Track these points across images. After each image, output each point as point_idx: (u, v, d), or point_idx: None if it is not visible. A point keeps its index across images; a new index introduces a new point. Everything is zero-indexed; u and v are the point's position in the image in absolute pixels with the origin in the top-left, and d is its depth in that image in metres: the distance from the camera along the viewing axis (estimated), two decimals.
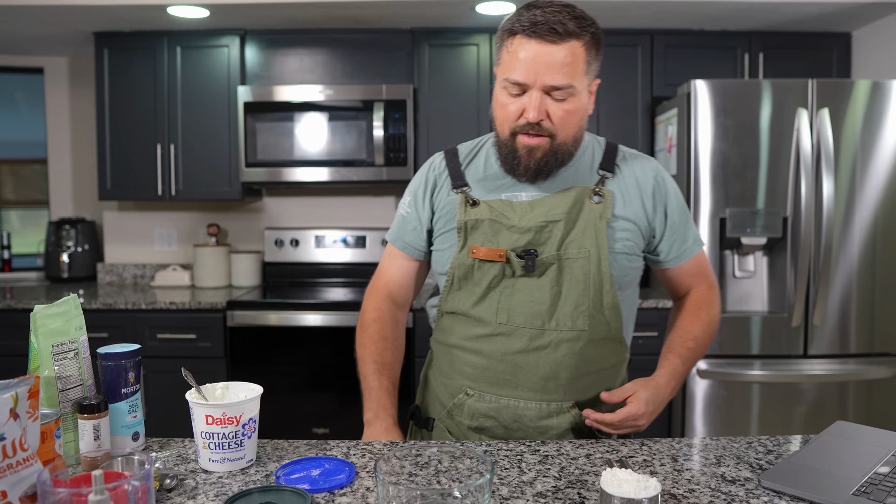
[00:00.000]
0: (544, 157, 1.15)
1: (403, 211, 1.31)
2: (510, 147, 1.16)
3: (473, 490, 0.77)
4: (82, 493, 0.72)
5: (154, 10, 2.84)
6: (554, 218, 1.17)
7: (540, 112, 1.10)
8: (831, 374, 2.64)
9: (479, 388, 1.22)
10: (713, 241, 2.65)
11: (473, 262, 1.19)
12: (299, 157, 3.04)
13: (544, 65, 1.07)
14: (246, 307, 2.85)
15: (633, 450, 1.13)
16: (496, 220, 1.18)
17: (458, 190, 1.23)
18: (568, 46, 1.07)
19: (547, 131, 1.12)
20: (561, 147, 1.15)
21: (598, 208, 1.18)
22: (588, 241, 1.17)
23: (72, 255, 3.47)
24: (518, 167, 1.17)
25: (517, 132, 1.14)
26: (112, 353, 1.08)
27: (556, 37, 1.06)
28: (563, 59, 1.07)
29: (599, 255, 1.17)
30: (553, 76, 1.08)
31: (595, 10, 2.88)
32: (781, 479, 0.97)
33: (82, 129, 3.60)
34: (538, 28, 1.06)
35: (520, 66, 1.08)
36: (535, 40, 1.07)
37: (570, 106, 1.12)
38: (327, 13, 2.93)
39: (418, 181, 1.31)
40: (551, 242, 1.17)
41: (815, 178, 2.60)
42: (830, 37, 3.16)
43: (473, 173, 1.25)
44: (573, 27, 1.07)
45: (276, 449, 1.12)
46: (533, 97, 1.09)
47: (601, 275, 1.17)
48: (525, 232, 1.17)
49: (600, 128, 3.14)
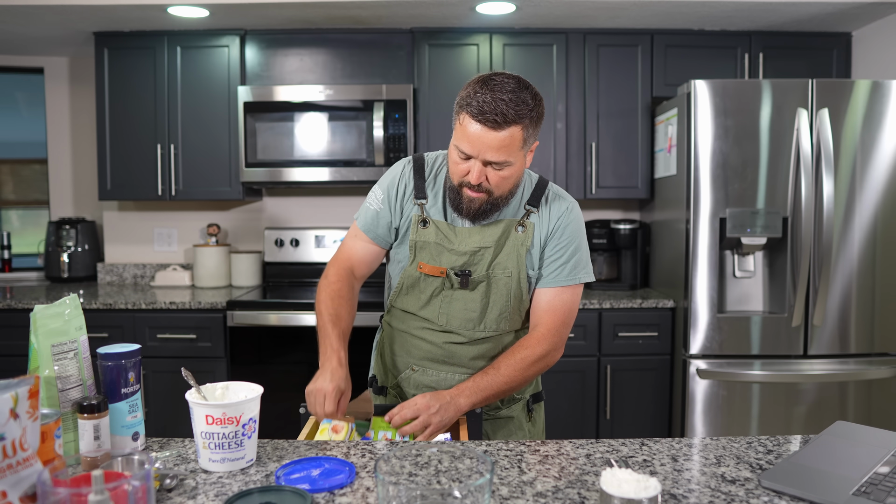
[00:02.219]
0: (482, 207, 1.38)
1: (377, 206, 1.49)
2: (457, 193, 1.39)
3: (473, 490, 0.77)
4: (82, 493, 0.72)
5: (154, 10, 2.84)
6: (486, 245, 1.43)
7: (480, 178, 1.32)
8: (831, 374, 2.64)
9: (423, 366, 1.51)
10: (713, 241, 2.65)
11: (420, 275, 1.45)
12: (299, 157, 3.04)
13: (486, 145, 1.27)
14: (246, 307, 2.85)
15: (633, 450, 1.13)
16: (440, 244, 1.44)
17: (418, 202, 1.46)
18: (508, 132, 1.26)
19: (485, 189, 1.34)
20: (497, 199, 1.38)
21: (521, 237, 1.44)
22: (511, 264, 1.44)
23: (72, 255, 3.47)
24: (462, 210, 1.40)
25: (463, 185, 1.36)
26: (112, 353, 1.08)
27: (497, 125, 1.25)
28: (502, 142, 1.27)
29: (519, 275, 1.44)
30: (492, 154, 1.28)
31: (595, 9, 2.88)
32: (781, 479, 0.97)
33: (82, 129, 3.60)
34: (484, 116, 1.25)
35: (467, 140, 1.29)
36: (479, 124, 1.26)
37: (506, 173, 1.33)
38: (327, 13, 2.93)
39: (393, 185, 1.49)
40: (482, 264, 1.43)
41: (815, 178, 2.60)
42: (830, 37, 3.16)
43: (432, 190, 1.47)
44: (513, 116, 1.25)
45: (276, 449, 1.12)
46: (475, 166, 1.31)
47: (520, 289, 1.45)
48: (462, 255, 1.43)
49: (600, 128, 3.14)
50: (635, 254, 3.20)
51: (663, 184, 3.02)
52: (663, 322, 2.86)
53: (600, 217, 3.47)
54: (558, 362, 3.03)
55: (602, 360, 2.87)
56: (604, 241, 3.24)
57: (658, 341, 2.87)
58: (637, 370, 2.88)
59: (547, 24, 3.09)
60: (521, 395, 1.56)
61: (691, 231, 2.65)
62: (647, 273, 3.29)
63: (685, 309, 2.70)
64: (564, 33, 3.12)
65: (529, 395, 1.58)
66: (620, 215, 3.51)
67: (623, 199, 3.40)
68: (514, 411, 1.55)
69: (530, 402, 1.57)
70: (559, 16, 2.98)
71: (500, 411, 1.54)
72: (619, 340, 2.87)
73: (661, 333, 2.86)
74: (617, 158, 3.16)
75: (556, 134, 3.14)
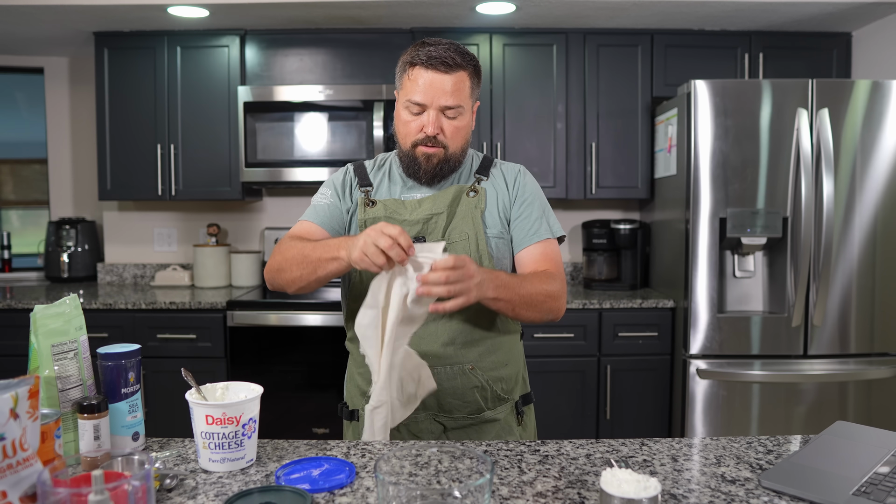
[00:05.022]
0: (439, 164, 1.39)
1: (326, 200, 1.48)
2: (411, 156, 1.39)
3: (473, 490, 0.77)
4: (82, 493, 0.72)
5: (154, 10, 2.84)
6: (438, 210, 1.41)
7: (436, 128, 1.35)
8: (831, 374, 2.64)
9: None
10: (713, 241, 2.65)
11: None
12: (299, 157, 3.04)
13: (439, 89, 1.33)
14: (246, 307, 2.85)
15: (633, 450, 1.13)
16: (390, 217, 1.41)
17: (363, 189, 1.47)
18: (457, 75, 1.34)
19: (441, 143, 1.37)
20: (452, 156, 1.40)
21: (474, 201, 1.43)
22: (467, 227, 1.41)
23: (72, 255, 3.47)
24: (419, 172, 1.40)
25: (418, 144, 1.37)
26: (112, 353, 1.08)
27: (448, 68, 1.33)
28: (454, 85, 1.34)
29: (477, 237, 1.40)
30: (446, 98, 1.34)
31: (595, 10, 2.88)
32: (781, 479, 0.97)
33: (82, 129, 3.60)
34: (433, 61, 1.32)
35: (420, 90, 1.34)
36: (431, 70, 1.33)
37: (458, 123, 1.37)
38: (327, 13, 2.93)
39: (337, 180, 1.50)
40: (437, 230, 1.41)
41: (815, 178, 2.60)
42: (830, 37, 3.16)
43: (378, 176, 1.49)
44: (460, 60, 1.34)
45: (276, 449, 1.12)
46: (430, 115, 1.35)
47: (479, 252, 1.40)
48: (414, 224, 1.40)
49: (600, 128, 3.14)
50: (635, 254, 3.20)
51: (663, 184, 3.02)
52: (663, 322, 2.86)
53: (600, 217, 3.47)
54: (558, 362, 3.02)
55: (602, 360, 2.87)
56: (604, 241, 3.24)
57: (658, 341, 2.86)
58: (637, 370, 2.88)
59: (547, 24, 3.09)
60: (509, 395, 1.43)
61: (691, 231, 2.65)
62: (647, 273, 3.29)
63: (685, 309, 2.70)
64: (564, 33, 3.12)
65: (519, 396, 1.46)
66: (620, 215, 3.51)
67: (623, 199, 3.40)
68: (501, 413, 1.41)
69: (519, 404, 1.44)
70: (559, 16, 2.98)
71: (482, 414, 1.39)
72: (619, 340, 2.87)
73: (661, 333, 2.86)
74: (617, 158, 3.16)
75: (556, 134, 3.14)
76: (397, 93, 1.42)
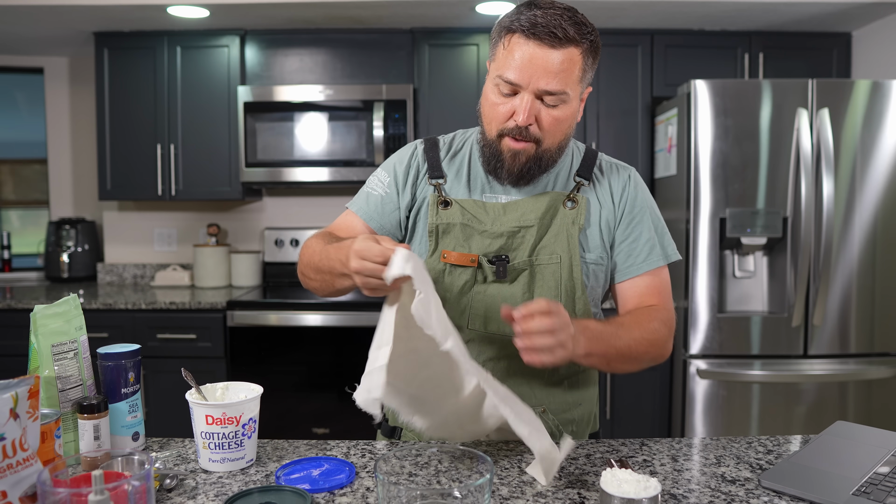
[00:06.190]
0: (528, 163, 1.12)
1: (381, 190, 1.21)
2: (495, 148, 1.13)
3: (473, 490, 0.77)
4: (82, 493, 0.72)
5: (154, 10, 2.84)
6: (527, 223, 1.16)
7: (529, 116, 1.07)
8: (831, 374, 2.64)
9: None
10: (713, 241, 2.65)
11: (445, 267, 1.16)
12: (299, 157, 3.04)
13: (540, 68, 1.04)
14: (246, 307, 2.85)
15: (633, 450, 1.13)
16: (468, 224, 1.16)
17: (434, 181, 1.19)
18: (566, 52, 1.04)
19: (533, 136, 1.10)
20: (545, 153, 1.13)
21: (572, 214, 1.17)
22: (560, 247, 1.16)
23: (72, 255, 3.47)
24: (501, 170, 1.14)
25: (504, 134, 1.11)
26: (112, 353, 1.08)
27: (556, 41, 1.03)
28: (560, 65, 1.04)
29: (571, 262, 1.16)
30: (548, 81, 1.05)
31: (595, 9, 2.88)
32: (781, 479, 0.97)
33: (82, 129, 3.60)
34: (538, 30, 1.03)
35: (515, 65, 1.05)
36: (533, 41, 1.04)
37: (560, 113, 1.09)
38: (327, 13, 2.93)
39: (402, 164, 1.22)
40: (523, 248, 1.16)
41: (815, 178, 2.60)
42: (830, 37, 3.16)
43: (453, 166, 1.22)
44: (573, 33, 1.04)
45: (276, 449, 1.12)
46: (524, 100, 1.06)
47: (573, 281, 1.16)
48: (497, 237, 1.15)
49: (600, 128, 3.14)
50: None
51: (663, 184, 3.02)
52: None
53: None
54: None
55: None
56: None
57: None
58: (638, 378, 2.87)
59: None
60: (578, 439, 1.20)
61: (691, 231, 2.65)
62: None
63: (685, 309, 2.70)
64: None
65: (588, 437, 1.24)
66: None
67: None
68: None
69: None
70: None
71: None
72: None
73: None
74: (617, 158, 3.15)
75: None
76: (489, 64, 1.14)
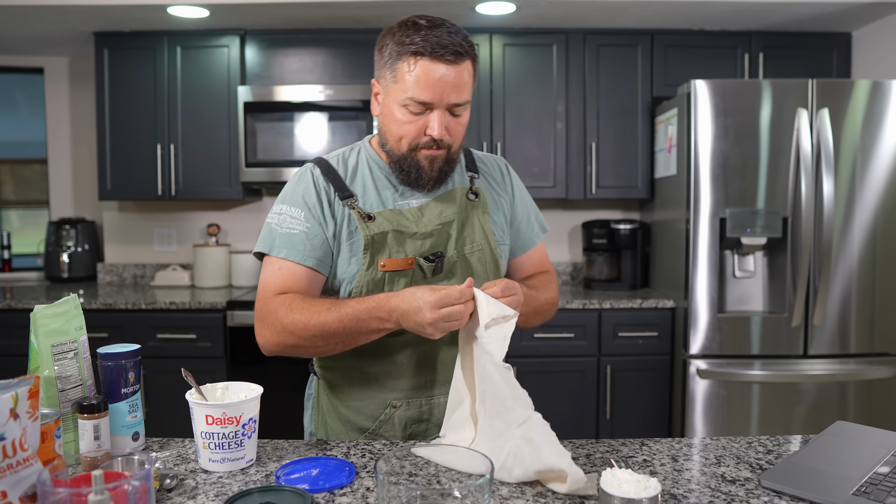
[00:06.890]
0: (444, 166, 1.22)
1: (300, 227, 1.20)
2: (411, 160, 1.20)
3: (473, 490, 0.77)
4: (82, 493, 0.72)
5: (154, 10, 2.84)
6: (448, 219, 1.25)
7: (442, 130, 1.16)
8: (831, 374, 2.64)
9: (405, 397, 1.24)
10: (713, 241, 2.65)
11: (383, 276, 1.21)
12: (299, 157, 3.04)
13: (450, 85, 1.13)
14: (246, 307, 2.85)
15: (633, 450, 1.13)
16: (399, 230, 1.22)
17: (346, 201, 1.22)
18: (465, 65, 1.15)
19: (446, 144, 1.19)
20: (453, 156, 1.23)
21: (478, 204, 1.29)
22: (479, 236, 1.27)
23: (72, 255, 3.47)
24: (421, 178, 1.21)
25: (420, 147, 1.18)
26: (112, 353, 1.08)
27: (458, 57, 1.13)
28: (464, 78, 1.15)
29: (491, 247, 1.28)
30: (457, 95, 1.15)
31: (595, 10, 2.88)
32: (781, 479, 0.97)
33: (82, 129, 3.60)
34: (444, 51, 1.11)
35: (427, 87, 1.12)
36: (441, 63, 1.12)
37: (464, 118, 1.20)
38: (327, 13, 2.93)
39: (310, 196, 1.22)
40: (450, 243, 1.25)
41: (815, 178, 2.60)
42: (830, 37, 3.16)
43: (358, 185, 1.25)
44: (467, 47, 1.15)
45: (276, 449, 1.12)
46: (437, 116, 1.15)
47: (495, 264, 1.28)
48: (427, 237, 1.23)
49: (600, 128, 3.14)
50: (635, 254, 3.20)
51: (663, 184, 3.02)
52: (663, 322, 2.86)
53: (600, 217, 3.47)
54: (558, 362, 3.03)
55: (602, 360, 2.87)
56: (604, 241, 3.24)
57: (658, 341, 2.86)
58: (637, 370, 2.88)
59: (547, 24, 3.09)
60: None
61: (691, 231, 2.65)
62: (647, 273, 3.29)
63: (685, 309, 2.70)
64: (564, 33, 3.12)
65: None
66: (620, 215, 3.51)
67: (623, 199, 3.40)
68: None
69: None
70: (559, 16, 2.98)
71: None
72: (619, 340, 2.87)
73: (661, 333, 2.86)
74: (617, 158, 3.16)
75: (556, 134, 3.14)
76: (382, 85, 1.19)
